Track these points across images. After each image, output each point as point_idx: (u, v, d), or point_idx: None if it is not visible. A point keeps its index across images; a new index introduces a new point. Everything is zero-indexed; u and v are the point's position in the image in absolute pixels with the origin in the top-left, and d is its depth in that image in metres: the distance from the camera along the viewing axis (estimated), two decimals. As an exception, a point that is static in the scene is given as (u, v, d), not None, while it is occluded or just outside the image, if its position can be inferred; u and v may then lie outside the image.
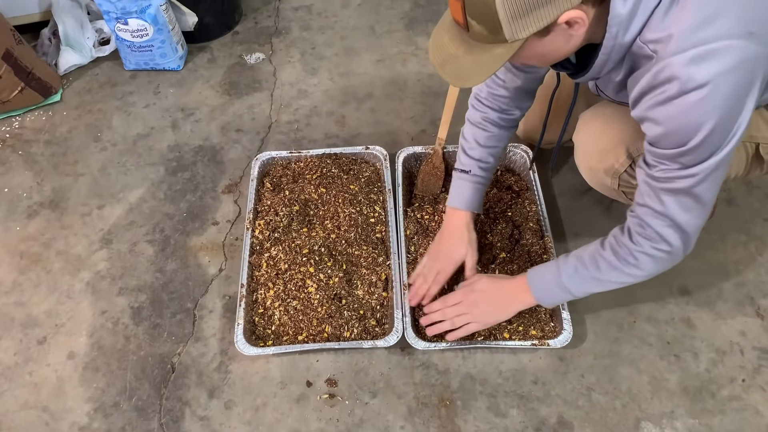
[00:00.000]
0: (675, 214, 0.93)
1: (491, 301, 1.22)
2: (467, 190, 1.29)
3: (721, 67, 0.77)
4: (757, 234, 1.46)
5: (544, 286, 1.14)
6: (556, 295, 1.13)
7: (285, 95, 1.87)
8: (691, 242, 0.98)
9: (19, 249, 1.51)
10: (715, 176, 0.88)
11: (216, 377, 1.28)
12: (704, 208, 0.93)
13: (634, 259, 1.00)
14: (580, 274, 1.08)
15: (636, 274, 1.03)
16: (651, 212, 0.95)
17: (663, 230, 0.95)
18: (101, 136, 1.77)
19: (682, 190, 0.90)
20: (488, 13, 0.77)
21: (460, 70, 0.87)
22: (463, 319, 1.22)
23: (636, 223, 0.99)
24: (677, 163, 0.88)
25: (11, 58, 1.69)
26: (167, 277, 1.45)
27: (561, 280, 1.10)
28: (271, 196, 1.50)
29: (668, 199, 0.92)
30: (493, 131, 1.27)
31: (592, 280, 1.07)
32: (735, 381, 1.24)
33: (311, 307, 1.31)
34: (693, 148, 0.84)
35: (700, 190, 0.89)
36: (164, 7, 1.80)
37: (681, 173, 0.88)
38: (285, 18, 2.14)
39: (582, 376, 1.26)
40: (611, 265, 1.04)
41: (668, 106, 0.82)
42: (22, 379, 1.30)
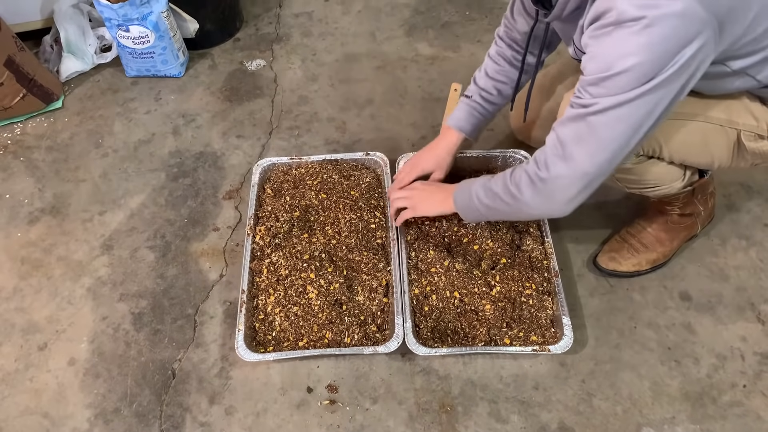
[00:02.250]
0: (567, 140, 0.95)
1: (426, 192, 1.31)
2: (462, 112, 1.36)
3: (659, 10, 0.79)
4: (757, 239, 1.46)
5: (462, 190, 1.20)
6: (466, 201, 1.18)
7: (286, 101, 1.87)
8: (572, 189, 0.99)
9: (21, 255, 1.51)
10: (617, 115, 0.88)
11: (217, 383, 1.28)
12: (598, 147, 0.93)
13: (518, 178, 1.05)
14: (484, 184, 1.13)
15: (516, 195, 1.06)
16: (553, 136, 0.98)
17: (550, 154, 0.98)
18: (102, 143, 1.77)
19: (581, 115, 0.92)
20: None
21: None
22: (402, 203, 1.33)
23: (538, 150, 1.02)
24: (589, 92, 0.90)
25: (13, 65, 1.70)
26: (168, 282, 1.45)
27: (473, 187, 1.16)
28: (272, 202, 1.51)
29: (568, 124, 0.95)
30: (504, 66, 1.32)
31: (489, 192, 1.12)
32: (736, 386, 1.24)
33: (312, 312, 1.31)
34: (607, 78, 0.86)
35: (597, 121, 0.90)
36: (165, 14, 1.81)
37: (589, 101, 0.90)
38: (286, 24, 2.15)
39: (583, 381, 1.25)
40: (504, 181, 1.08)
41: (602, 31, 0.85)
42: (23, 385, 1.30)
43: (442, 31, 2.09)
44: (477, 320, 1.30)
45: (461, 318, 1.31)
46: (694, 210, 1.37)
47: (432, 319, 1.30)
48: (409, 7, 2.19)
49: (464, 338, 1.28)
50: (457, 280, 1.34)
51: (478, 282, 1.33)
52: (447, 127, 1.38)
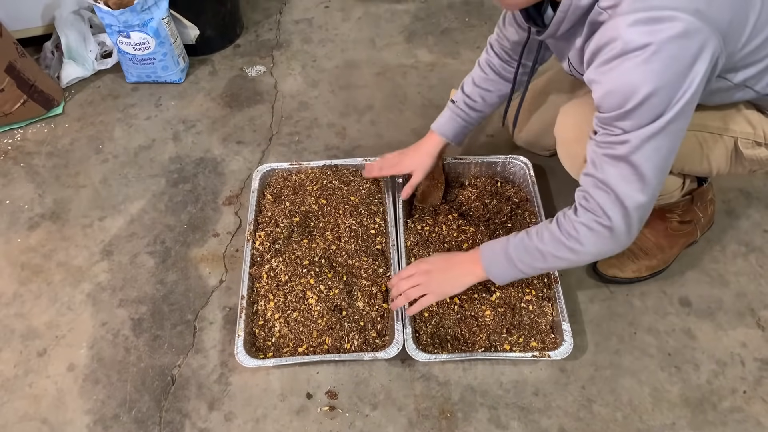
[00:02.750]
0: (614, 183, 0.93)
1: (443, 272, 1.20)
2: (445, 117, 1.38)
3: (664, 34, 0.79)
4: (757, 245, 1.46)
5: (493, 256, 1.13)
6: (503, 267, 1.12)
7: (286, 107, 1.88)
8: (633, 223, 0.96)
9: (20, 260, 1.51)
10: (654, 146, 0.88)
11: (216, 389, 1.28)
12: (645, 183, 0.92)
13: (575, 231, 1.00)
14: (525, 245, 1.08)
15: (576, 248, 1.01)
16: (593, 181, 0.96)
17: (603, 201, 0.95)
18: (103, 148, 1.77)
19: (620, 156, 0.90)
20: None
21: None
22: (417, 291, 1.20)
23: (581, 196, 0.99)
24: (616, 127, 0.89)
25: (14, 71, 1.70)
26: (168, 288, 1.45)
27: (508, 251, 1.10)
28: (272, 208, 1.51)
29: (608, 167, 0.92)
30: (491, 75, 1.32)
31: (535, 252, 1.06)
32: (736, 392, 1.24)
33: (311, 318, 1.31)
34: (630, 111, 0.85)
35: (637, 159, 0.89)
36: (166, 20, 1.81)
37: (619, 138, 0.89)
38: (286, 31, 2.16)
39: (583, 387, 1.25)
40: (554, 237, 1.03)
41: (610, 65, 0.85)
42: (22, 390, 1.29)
43: (442, 38, 2.09)
44: (477, 326, 1.30)
45: (461, 324, 1.30)
46: (693, 217, 1.38)
47: (432, 325, 1.30)
48: (408, 14, 2.20)
49: (464, 344, 1.28)
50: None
51: (478, 287, 1.33)
52: (431, 131, 1.41)
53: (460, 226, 1.45)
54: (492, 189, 1.54)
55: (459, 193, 1.54)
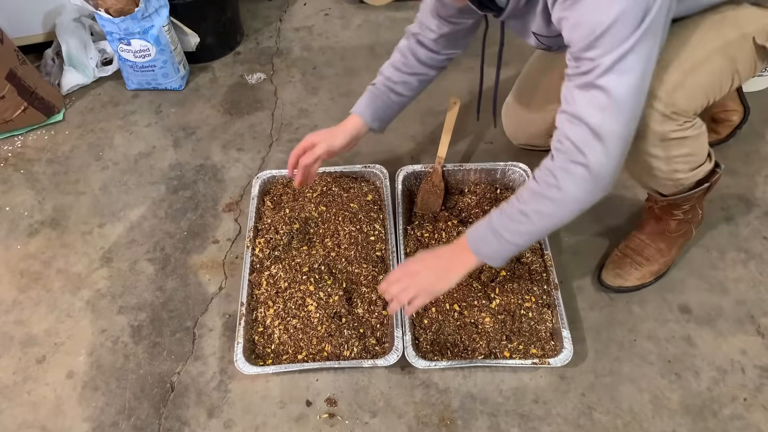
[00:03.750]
0: (587, 114, 0.90)
1: (431, 268, 1.13)
2: (364, 98, 1.34)
3: None
4: (756, 252, 1.46)
5: (479, 237, 1.08)
6: (492, 243, 1.05)
7: (286, 114, 1.88)
8: (611, 156, 0.92)
9: (20, 267, 1.51)
10: (624, 67, 0.86)
11: (215, 396, 1.27)
12: (618, 108, 0.89)
13: (554, 178, 0.95)
14: (506, 212, 1.03)
15: (557, 197, 0.96)
16: (567, 117, 0.93)
17: (577, 137, 0.92)
18: (103, 155, 1.78)
19: (590, 83, 0.88)
20: None
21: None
22: (408, 294, 1.12)
23: (555, 140, 0.96)
24: (586, 58, 0.88)
25: (15, 78, 1.71)
26: (167, 295, 1.44)
27: (492, 226, 1.04)
28: (272, 215, 1.51)
29: (580, 96, 0.90)
30: (411, 61, 1.31)
31: (518, 215, 1.01)
32: (737, 400, 1.23)
33: (311, 325, 1.31)
34: (598, 38, 0.84)
35: (608, 82, 0.87)
36: (167, 28, 1.82)
37: (590, 65, 0.87)
38: (286, 38, 2.17)
39: (583, 394, 1.25)
40: (533, 192, 0.99)
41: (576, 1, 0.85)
42: (21, 398, 1.29)
43: (442, 45, 2.10)
44: (476, 333, 1.30)
45: (461, 331, 1.30)
46: (694, 214, 1.35)
47: (431, 332, 1.30)
48: (408, 22, 2.17)
49: (464, 351, 1.28)
50: (456, 292, 1.34)
51: (478, 294, 1.34)
52: (351, 114, 1.35)
53: (460, 232, 1.45)
54: (491, 196, 1.54)
55: (458, 200, 1.54)
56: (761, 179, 1.61)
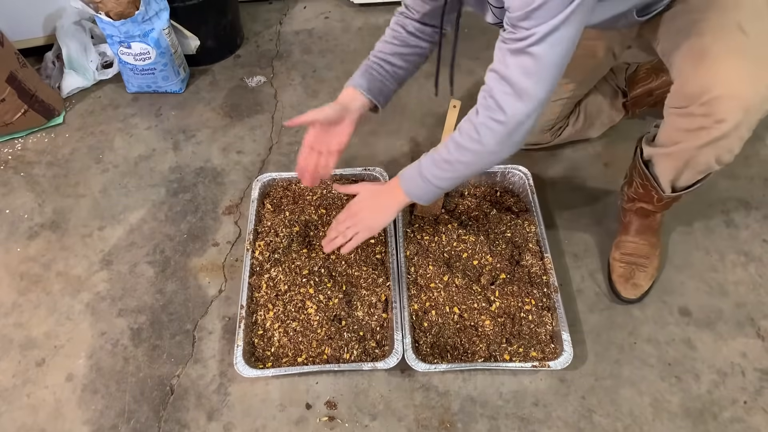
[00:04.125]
0: (515, 77, 0.95)
1: (371, 207, 1.25)
2: (360, 70, 1.33)
3: None
4: (756, 255, 1.46)
5: (411, 180, 1.17)
6: (421, 187, 1.15)
7: (286, 117, 1.88)
8: (529, 116, 0.99)
9: (20, 270, 1.51)
10: (556, 38, 0.91)
11: (215, 399, 1.27)
12: (545, 75, 0.94)
13: (476, 133, 1.03)
14: (433, 159, 1.11)
15: (478, 150, 1.04)
16: (496, 76, 0.98)
17: (502, 97, 0.98)
18: (103, 158, 1.78)
19: (522, 49, 0.93)
20: None
21: None
22: (351, 231, 1.25)
23: (482, 95, 1.02)
24: (521, 27, 0.91)
25: (15, 81, 1.71)
26: (167, 298, 1.44)
27: (422, 171, 1.13)
28: (272, 217, 1.51)
29: (511, 60, 0.95)
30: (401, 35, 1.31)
31: (443, 163, 1.09)
32: (737, 403, 1.23)
33: (311, 328, 1.31)
34: (536, 8, 0.88)
35: (539, 51, 0.92)
36: (167, 31, 1.82)
37: (524, 33, 0.91)
38: (286, 42, 2.17)
39: (583, 397, 1.25)
40: (458, 144, 1.06)
41: None
42: (20, 401, 1.29)
43: (441, 48, 2.10)
44: (476, 336, 1.30)
45: (461, 334, 1.30)
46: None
47: (431, 335, 1.30)
48: (408, 25, 2.20)
49: (464, 354, 1.28)
50: (456, 295, 1.34)
51: (478, 297, 1.33)
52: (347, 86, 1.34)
53: (460, 235, 1.45)
54: (492, 199, 1.54)
55: (459, 203, 1.54)
56: (761, 182, 1.61)
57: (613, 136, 1.71)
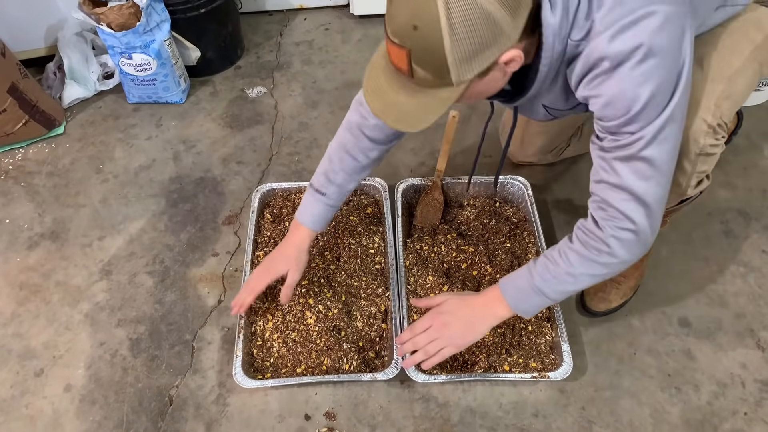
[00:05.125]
0: (631, 183, 0.91)
1: (462, 320, 1.12)
2: (318, 212, 1.25)
3: (648, 29, 0.80)
4: (755, 266, 1.46)
5: (519, 293, 1.07)
6: (532, 300, 1.06)
7: (286, 128, 1.89)
8: (656, 218, 0.95)
9: (19, 280, 1.51)
10: (666, 137, 0.88)
11: (214, 410, 1.27)
12: (662, 174, 0.91)
13: (606, 246, 0.96)
14: (552, 272, 1.02)
15: (609, 261, 0.98)
16: (608, 186, 0.94)
17: (623, 205, 0.93)
18: (103, 168, 1.78)
19: (634, 155, 0.89)
20: (437, 59, 0.79)
21: (403, 116, 0.88)
22: (436, 345, 1.11)
23: (596, 207, 0.97)
24: (625, 132, 0.88)
25: (16, 92, 1.72)
26: (166, 308, 1.44)
27: (534, 284, 1.04)
28: (271, 228, 1.51)
29: (622, 168, 0.91)
30: (364, 163, 1.23)
31: (566, 276, 1.01)
32: (737, 414, 1.23)
33: (310, 339, 1.31)
34: (637, 114, 0.85)
35: (651, 153, 0.88)
36: (168, 42, 1.83)
37: (630, 139, 0.88)
38: (286, 53, 2.18)
39: (583, 408, 1.25)
40: (582, 256, 0.99)
41: (605, 79, 0.85)
42: (18, 411, 1.28)
43: (441, 60, 2.11)
44: (476, 347, 1.29)
45: (460, 344, 1.30)
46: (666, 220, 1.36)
47: (431, 345, 1.30)
48: (407, 36, 2.22)
49: (463, 365, 1.28)
50: (455, 305, 1.34)
51: (477, 308, 1.33)
52: (298, 224, 1.26)
53: (459, 245, 1.45)
54: (491, 209, 1.54)
55: (458, 213, 1.54)
56: (759, 193, 1.61)
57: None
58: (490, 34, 0.78)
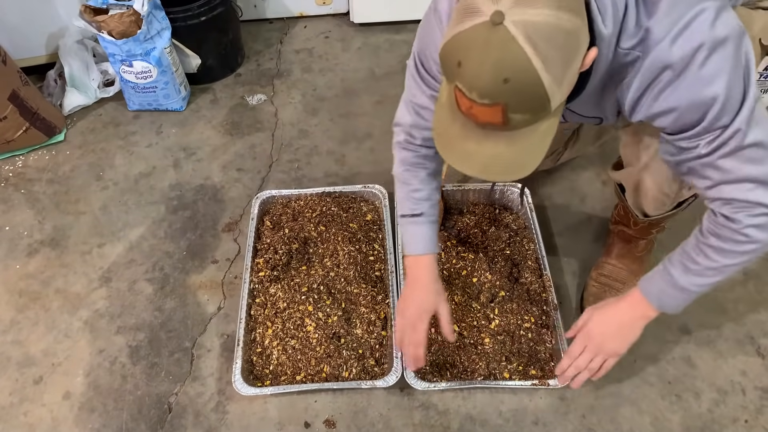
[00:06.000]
0: (748, 172, 0.88)
1: (614, 332, 1.12)
2: (426, 233, 1.19)
3: (704, 26, 0.79)
4: (754, 273, 1.47)
5: (663, 294, 1.06)
6: (678, 298, 1.05)
7: (286, 135, 1.90)
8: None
9: (19, 287, 1.51)
10: (759, 115, 0.85)
11: (213, 418, 1.26)
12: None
13: (744, 236, 0.93)
14: (693, 271, 1.00)
15: (752, 248, 0.95)
16: (726, 185, 0.91)
17: (749, 195, 0.90)
18: (103, 175, 1.78)
19: (739, 146, 0.86)
20: (537, 99, 0.74)
21: (510, 166, 0.83)
22: (598, 362, 1.12)
23: (720, 205, 0.94)
24: (715, 129, 0.86)
25: (17, 99, 1.72)
26: (166, 315, 1.44)
27: (679, 284, 1.02)
28: (271, 235, 1.51)
29: (732, 163, 0.88)
30: (431, 167, 1.19)
31: (709, 272, 0.99)
32: (738, 421, 1.23)
33: (310, 346, 1.31)
34: (722, 108, 0.83)
35: (755, 137, 0.85)
36: (168, 49, 1.84)
37: (728, 133, 0.85)
38: (287, 60, 2.19)
39: (583, 416, 1.24)
40: (722, 250, 0.96)
41: (672, 91, 0.83)
42: (17, 419, 1.28)
43: (440, 67, 2.12)
44: (476, 354, 1.29)
45: (460, 352, 1.30)
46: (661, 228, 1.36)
47: (431, 353, 1.30)
48: (407, 44, 2.23)
49: (463, 372, 1.28)
50: (455, 312, 1.34)
51: (477, 315, 1.33)
52: (416, 258, 1.20)
53: (459, 252, 1.45)
54: (490, 216, 1.55)
55: (457, 220, 1.54)
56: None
57: (612, 155, 1.72)
58: (573, 46, 0.75)
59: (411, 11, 2.24)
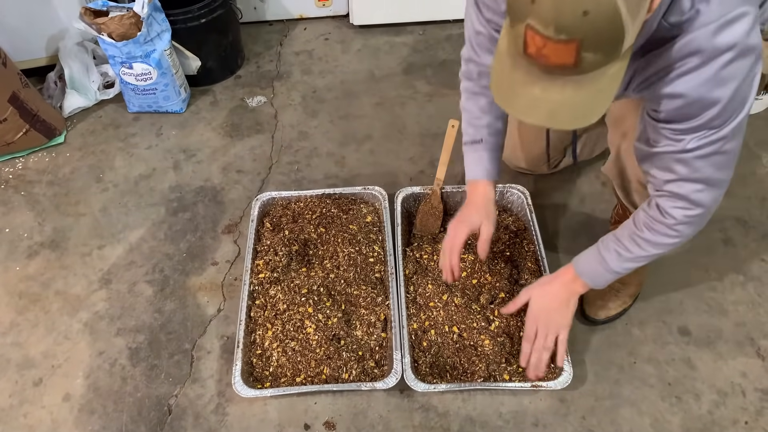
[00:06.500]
0: (709, 175, 0.93)
1: (558, 309, 1.19)
2: (484, 159, 1.25)
3: (740, 31, 0.79)
4: (754, 274, 1.47)
5: (596, 275, 1.15)
6: (608, 278, 1.14)
7: (286, 137, 1.90)
8: (723, 190, 0.98)
9: (18, 289, 1.51)
10: (742, 127, 0.89)
11: (213, 420, 1.26)
12: (735, 159, 0.94)
13: (675, 232, 1.02)
14: (625, 257, 1.09)
15: (678, 242, 1.04)
16: (683, 181, 0.95)
17: (696, 195, 0.96)
18: (103, 177, 1.78)
19: (717, 151, 0.90)
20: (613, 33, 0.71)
21: (576, 112, 0.81)
22: (551, 337, 1.19)
23: (666, 199, 0.99)
24: (707, 129, 0.88)
25: (17, 101, 1.72)
26: (166, 317, 1.44)
27: (610, 267, 1.11)
28: (271, 236, 1.51)
29: (702, 164, 0.92)
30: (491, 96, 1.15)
31: (639, 258, 1.09)
32: (738, 423, 1.23)
33: (309, 348, 1.31)
34: (721, 111, 0.85)
35: (732, 146, 0.90)
36: (168, 52, 1.84)
37: (713, 137, 0.88)
38: (286, 62, 2.19)
39: (583, 418, 1.24)
40: (653, 242, 1.05)
41: (690, 77, 0.83)
42: (17, 421, 1.28)
43: (440, 69, 2.12)
44: (476, 355, 1.29)
45: (460, 353, 1.30)
46: None
47: (431, 355, 1.30)
48: (407, 46, 2.23)
49: (463, 374, 1.28)
50: (455, 314, 1.34)
51: (477, 317, 1.33)
52: (475, 182, 1.27)
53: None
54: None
55: (457, 222, 1.54)
56: (758, 201, 1.62)
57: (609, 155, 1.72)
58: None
59: (410, 13, 2.24)
